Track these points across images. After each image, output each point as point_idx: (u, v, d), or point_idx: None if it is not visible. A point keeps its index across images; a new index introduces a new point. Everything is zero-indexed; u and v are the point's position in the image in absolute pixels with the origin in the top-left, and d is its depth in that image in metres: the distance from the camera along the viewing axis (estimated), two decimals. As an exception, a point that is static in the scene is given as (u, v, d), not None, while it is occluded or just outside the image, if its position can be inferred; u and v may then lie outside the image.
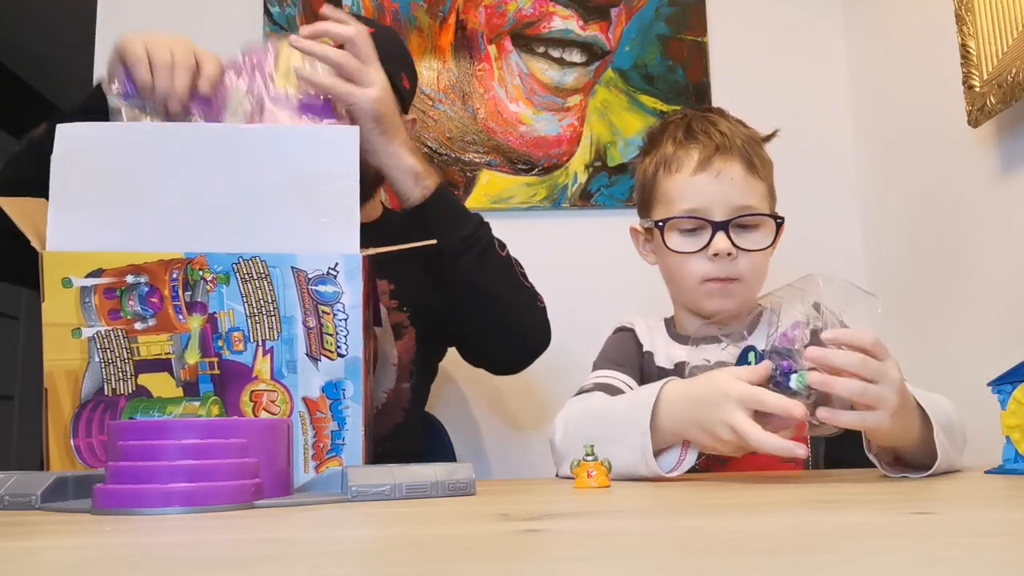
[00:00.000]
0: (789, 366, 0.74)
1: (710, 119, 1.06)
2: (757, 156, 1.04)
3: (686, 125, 1.06)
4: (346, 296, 0.74)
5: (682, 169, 1.02)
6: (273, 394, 0.73)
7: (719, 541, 0.38)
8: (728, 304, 1.02)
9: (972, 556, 0.32)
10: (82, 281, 0.72)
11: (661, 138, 1.07)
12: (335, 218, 0.77)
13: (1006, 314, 1.22)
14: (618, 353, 1.09)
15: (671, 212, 1.02)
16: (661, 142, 1.07)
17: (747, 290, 1.03)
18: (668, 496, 0.65)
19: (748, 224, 1.01)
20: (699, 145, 1.02)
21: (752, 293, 1.04)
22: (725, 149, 1.01)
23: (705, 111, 1.11)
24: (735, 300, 1.03)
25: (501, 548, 0.36)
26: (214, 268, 0.73)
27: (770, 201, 1.06)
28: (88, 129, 0.79)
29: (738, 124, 1.07)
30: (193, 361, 0.73)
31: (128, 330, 0.73)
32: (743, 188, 1.01)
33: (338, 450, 0.73)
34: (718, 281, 1.01)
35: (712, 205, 1.00)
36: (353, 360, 0.74)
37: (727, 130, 1.04)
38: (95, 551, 0.39)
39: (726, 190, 1.00)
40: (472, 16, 1.70)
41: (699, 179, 1.01)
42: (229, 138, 0.80)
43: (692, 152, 1.02)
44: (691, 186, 1.01)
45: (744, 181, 1.02)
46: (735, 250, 0.99)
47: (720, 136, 1.02)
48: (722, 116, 1.08)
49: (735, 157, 1.01)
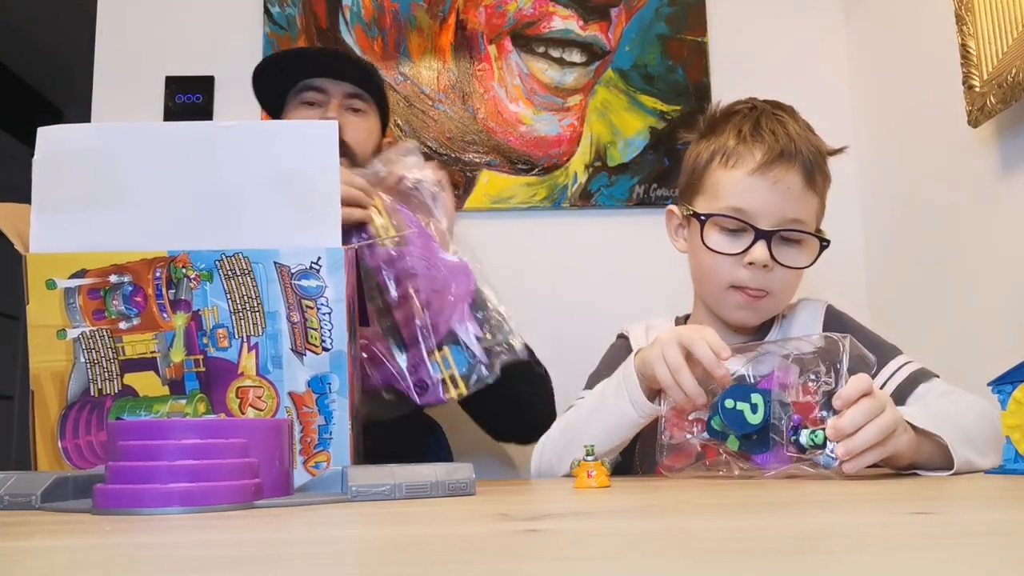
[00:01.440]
0: (799, 420, 0.76)
1: (780, 118, 1.00)
2: (819, 170, 0.99)
3: (755, 120, 1.00)
4: (329, 290, 0.74)
5: (740, 165, 0.97)
6: (259, 390, 0.73)
7: (719, 541, 0.38)
8: (752, 319, 1.00)
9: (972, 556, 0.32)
10: (66, 282, 0.72)
11: (724, 126, 1.01)
12: (317, 212, 0.77)
13: (1006, 314, 1.22)
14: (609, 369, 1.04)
15: (716, 206, 0.98)
16: (723, 130, 1.01)
17: (774, 305, 1.00)
18: (668, 496, 0.65)
19: (793, 239, 0.97)
20: (764, 145, 0.97)
21: (778, 308, 1.02)
22: (789, 155, 0.96)
23: (776, 107, 1.04)
24: (760, 314, 1.00)
25: (501, 548, 0.36)
26: (197, 266, 0.73)
27: (819, 217, 1.02)
28: (69, 130, 0.79)
29: (807, 130, 1.02)
30: (178, 359, 0.73)
31: (113, 330, 0.73)
32: (797, 200, 0.97)
33: (326, 444, 0.73)
34: (746, 294, 0.97)
35: (761, 211, 0.96)
36: (338, 354, 0.74)
37: (795, 134, 0.98)
38: (95, 551, 0.39)
39: (779, 199, 0.96)
40: (472, 16, 1.70)
41: (755, 181, 0.96)
42: (209, 135, 0.80)
43: (755, 151, 0.97)
44: (745, 186, 0.96)
45: (800, 193, 0.97)
46: (772, 263, 0.95)
47: (787, 139, 0.97)
48: (792, 117, 1.02)
49: (797, 166, 0.96)
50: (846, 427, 0.72)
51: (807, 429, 0.75)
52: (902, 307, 1.51)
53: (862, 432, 0.72)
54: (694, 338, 0.83)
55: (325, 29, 1.70)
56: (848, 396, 0.73)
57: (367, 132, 1.31)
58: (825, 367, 0.79)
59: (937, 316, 1.41)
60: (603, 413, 0.90)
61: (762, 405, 0.78)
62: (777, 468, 0.78)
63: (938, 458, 0.78)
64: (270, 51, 1.68)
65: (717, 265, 0.98)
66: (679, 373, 0.82)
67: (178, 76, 1.67)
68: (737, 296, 0.98)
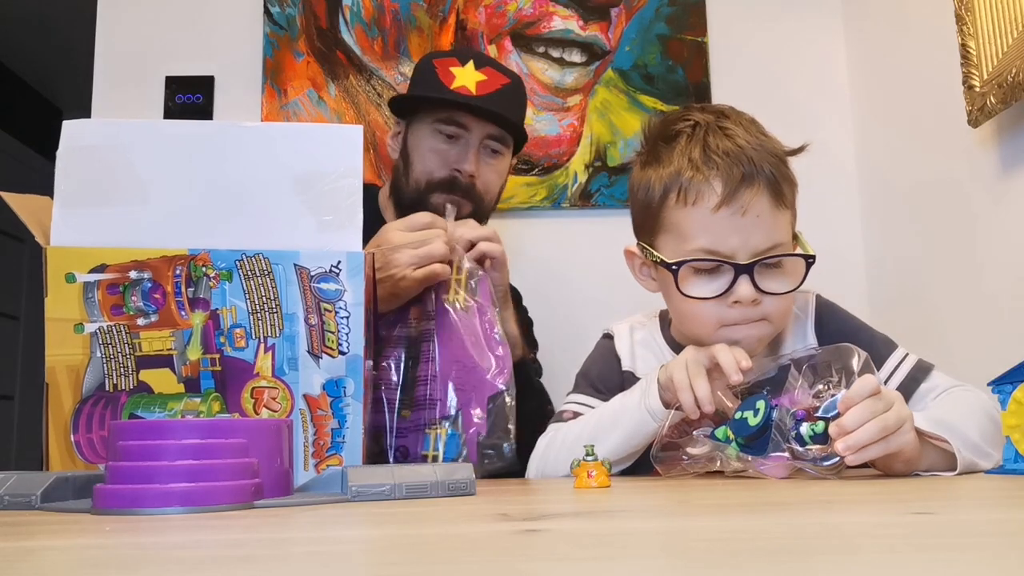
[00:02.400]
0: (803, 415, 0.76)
1: (727, 131, 0.90)
2: (785, 180, 0.90)
3: (701, 142, 0.89)
4: (348, 294, 0.74)
5: (701, 202, 0.87)
6: (274, 391, 0.73)
7: (719, 541, 0.38)
8: (753, 338, 0.91)
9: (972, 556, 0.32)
10: (85, 276, 0.72)
11: (670, 153, 0.91)
12: (338, 216, 0.77)
13: (1006, 313, 1.22)
14: (598, 371, 1.03)
15: (684, 247, 0.88)
16: (670, 159, 0.90)
17: (773, 329, 0.93)
18: (668, 496, 0.65)
19: (773, 264, 0.89)
20: (721, 173, 0.86)
21: (777, 331, 0.94)
22: (751, 178, 0.86)
23: (717, 116, 0.93)
24: (761, 333, 0.91)
25: (501, 548, 0.36)
26: (217, 265, 0.74)
27: (793, 227, 0.93)
28: (94, 126, 0.79)
29: (758, 135, 0.92)
30: (195, 357, 0.73)
31: (130, 326, 0.73)
32: (770, 225, 0.87)
33: (338, 448, 0.73)
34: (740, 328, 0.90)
35: (735, 246, 0.87)
36: (354, 358, 0.74)
37: (751, 149, 0.88)
38: (95, 551, 0.39)
39: (751, 229, 0.86)
40: (472, 16, 1.70)
41: (722, 217, 0.86)
42: (233, 136, 0.80)
43: (713, 182, 0.86)
44: (712, 224, 0.87)
45: (771, 216, 0.88)
46: (760, 295, 0.87)
47: (744, 158, 0.87)
48: (739, 123, 0.92)
49: (762, 187, 0.87)
50: (848, 424, 0.71)
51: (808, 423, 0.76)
52: (902, 307, 1.51)
53: (863, 428, 0.71)
54: (722, 347, 0.86)
55: (325, 29, 1.70)
56: (852, 397, 0.73)
57: (499, 174, 1.29)
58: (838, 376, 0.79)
59: (937, 316, 1.41)
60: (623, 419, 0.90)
61: (764, 408, 0.78)
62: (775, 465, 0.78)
63: (941, 462, 0.78)
64: (270, 51, 1.68)
65: (700, 310, 0.89)
66: (696, 377, 0.84)
67: (178, 76, 1.67)
68: (728, 332, 0.89)
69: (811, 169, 1.70)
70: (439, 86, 1.21)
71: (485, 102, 1.21)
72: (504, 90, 1.24)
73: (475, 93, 1.20)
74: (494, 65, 1.26)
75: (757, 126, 0.94)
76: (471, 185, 1.23)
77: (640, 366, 1.01)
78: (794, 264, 0.90)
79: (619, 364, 1.02)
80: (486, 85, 1.22)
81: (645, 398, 0.89)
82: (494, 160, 1.27)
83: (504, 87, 1.24)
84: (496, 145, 1.26)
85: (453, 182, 1.22)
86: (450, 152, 1.23)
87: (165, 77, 1.67)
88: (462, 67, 1.23)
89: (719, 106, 0.97)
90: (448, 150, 1.23)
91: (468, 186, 1.23)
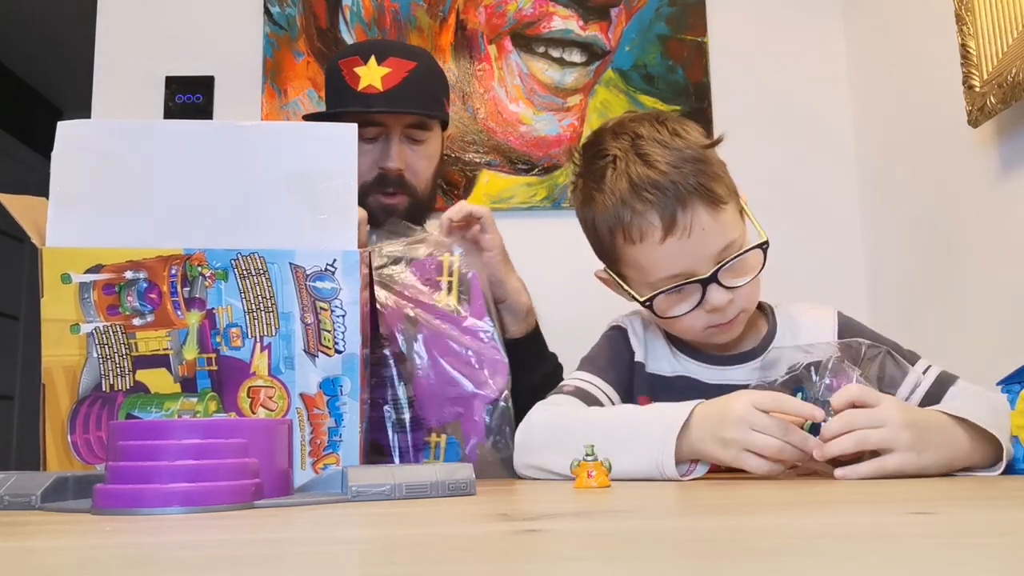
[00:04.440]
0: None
1: (646, 157, 0.91)
2: (713, 179, 0.91)
3: (626, 176, 0.91)
4: (344, 292, 0.74)
5: (646, 238, 0.90)
6: (271, 390, 0.73)
7: (719, 541, 0.38)
8: (734, 335, 0.98)
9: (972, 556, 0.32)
10: (81, 277, 0.72)
11: (601, 193, 0.93)
12: (333, 215, 0.77)
13: (1006, 314, 1.22)
14: (606, 358, 1.03)
15: (648, 279, 0.93)
16: (602, 199, 0.92)
17: (746, 317, 0.97)
18: (668, 496, 0.65)
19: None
20: (653, 207, 0.88)
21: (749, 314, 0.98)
22: (682, 199, 0.88)
23: (633, 141, 0.93)
24: (740, 328, 0.97)
25: (501, 548, 0.36)
26: (213, 264, 0.73)
27: (738, 206, 0.95)
28: (89, 126, 0.79)
29: (675, 146, 0.92)
30: (191, 357, 0.73)
31: (127, 326, 0.73)
32: (717, 231, 0.90)
33: (335, 447, 0.73)
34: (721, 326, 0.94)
35: (693, 264, 0.90)
36: (350, 357, 0.74)
37: (672, 171, 0.89)
38: (95, 551, 0.39)
39: (701, 243, 0.89)
40: (472, 16, 1.70)
41: (669, 245, 0.89)
42: (228, 135, 0.80)
43: (649, 217, 0.89)
44: (663, 255, 0.90)
45: (714, 222, 0.89)
46: (731, 293, 0.91)
47: (669, 184, 0.88)
48: (654, 142, 0.92)
49: (696, 202, 0.89)
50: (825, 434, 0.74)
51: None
52: (902, 307, 1.51)
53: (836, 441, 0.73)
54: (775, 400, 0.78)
55: (325, 29, 1.70)
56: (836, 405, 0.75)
57: (428, 158, 1.30)
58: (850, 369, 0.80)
59: (937, 316, 1.41)
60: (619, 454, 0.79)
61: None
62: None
63: (991, 455, 0.77)
64: (270, 51, 1.68)
65: (683, 324, 0.94)
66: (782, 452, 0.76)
67: (178, 76, 1.67)
68: (713, 330, 0.94)
69: (811, 169, 1.71)
70: (346, 90, 1.24)
71: (393, 97, 1.23)
72: (411, 77, 1.25)
73: (382, 89, 1.23)
74: (398, 52, 1.27)
75: (669, 129, 0.94)
76: (400, 179, 1.26)
77: (651, 361, 1.02)
78: (754, 253, 0.93)
79: (631, 356, 1.03)
80: (391, 77, 1.24)
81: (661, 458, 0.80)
82: (419, 147, 1.29)
83: (411, 73, 1.25)
84: (418, 133, 1.28)
85: (383, 179, 1.25)
86: (373, 152, 1.26)
87: (165, 77, 1.67)
88: (365, 65, 1.25)
89: (630, 124, 0.97)
90: (371, 150, 1.25)
91: (398, 180, 1.26)
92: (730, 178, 0.95)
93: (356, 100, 1.23)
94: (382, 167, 1.25)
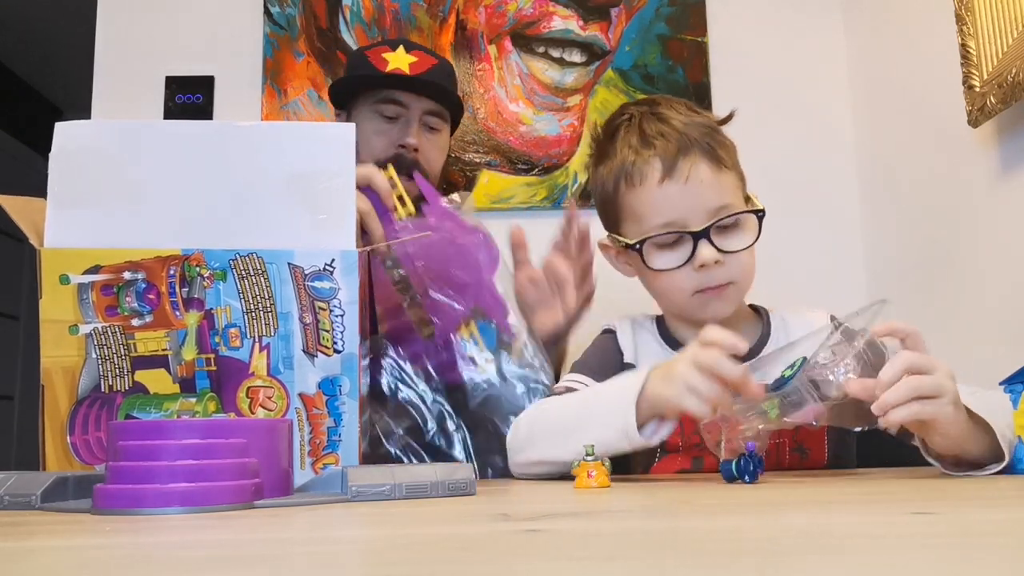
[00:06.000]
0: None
1: (660, 115, 0.97)
2: (720, 145, 0.96)
3: (638, 129, 0.97)
4: (342, 292, 0.74)
5: (646, 181, 0.94)
6: (269, 390, 0.73)
7: (719, 541, 0.38)
8: (724, 309, 0.97)
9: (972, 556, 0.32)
10: (79, 278, 0.72)
11: (613, 146, 0.99)
12: (332, 215, 0.77)
13: (1006, 314, 1.22)
14: (597, 360, 1.04)
15: (643, 228, 0.96)
16: (614, 151, 0.98)
17: (740, 292, 0.99)
18: (667, 496, 0.65)
19: (728, 225, 0.95)
20: (657, 151, 0.94)
21: (744, 293, 1.01)
22: (686, 148, 0.94)
23: (651, 105, 1.01)
24: (730, 303, 0.98)
25: (501, 548, 0.36)
26: (211, 264, 0.74)
27: (742, 189, 0.99)
28: (87, 127, 0.79)
29: (690, 112, 0.99)
30: (190, 357, 0.73)
31: (125, 326, 0.73)
32: (715, 188, 0.94)
33: (334, 447, 0.73)
34: (710, 292, 0.95)
35: (687, 214, 0.93)
36: (349, 356, 0.74)
37: (681, 125, 0.95)
38: (95, 551, 0.39)
39: (697, 195, 0.93)
40: (472, 16, 1.70)
41: (667, 188, 0.93)
42: (226, 135, 0.80)
43: (652, 161, 0.94)
44: (660, 198, 0.94)
45: (714, 179, 0.94)
46: (722, 256, 0.93)
47: (676, 135, 0.94)
48: (671, 108, 0.99)
49: (698, 154, 0.94)
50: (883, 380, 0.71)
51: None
52: (902, 307, 1.51)
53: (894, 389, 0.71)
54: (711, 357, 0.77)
55: (325, 29, 1.70)
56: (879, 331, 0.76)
57: (440, 150, 1.32)
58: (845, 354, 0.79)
59: (937, 316, 1.41)
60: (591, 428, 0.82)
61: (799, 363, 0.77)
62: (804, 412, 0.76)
63: (986, 448, 0.75)
64: (270, 51, 1.68)
65: (671, 281, 0.96)
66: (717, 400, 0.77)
67: (178, 76, 1.67)
68: (701, 296, 0.96)
69: (811, 169, 1.71)
70: (374, 71, 1.27)
71: (417, 81, 1.26)
72: (435, 69, 1.29)
73: (409, 73, 1.26)
74: (423, 49, 1.32)
75: (688, 106, 1.01)
76: (416, 160, 1.27)
77: (643, 361, 1.02)
78: (750, 223, 0.96)
79: (621, 357, 1.04)
80: (418, 66, 1.27)
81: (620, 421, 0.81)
82: (434, 136, 1.30)
83: (434, 66, 1.30)
84: (435, 121, 1.29)
85: (400, 160, 1.25)
86: (392, 131, 1.27)
87: (165, 77, 1.67)
88: (393, 52, 1.28)
89: (653, 96, 1.07)
90: (390, 129, 1.27)
91: (414, 161, 1.26)
92: (737, 160, 0.99)
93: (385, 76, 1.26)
94: (401, 144, 1.25)
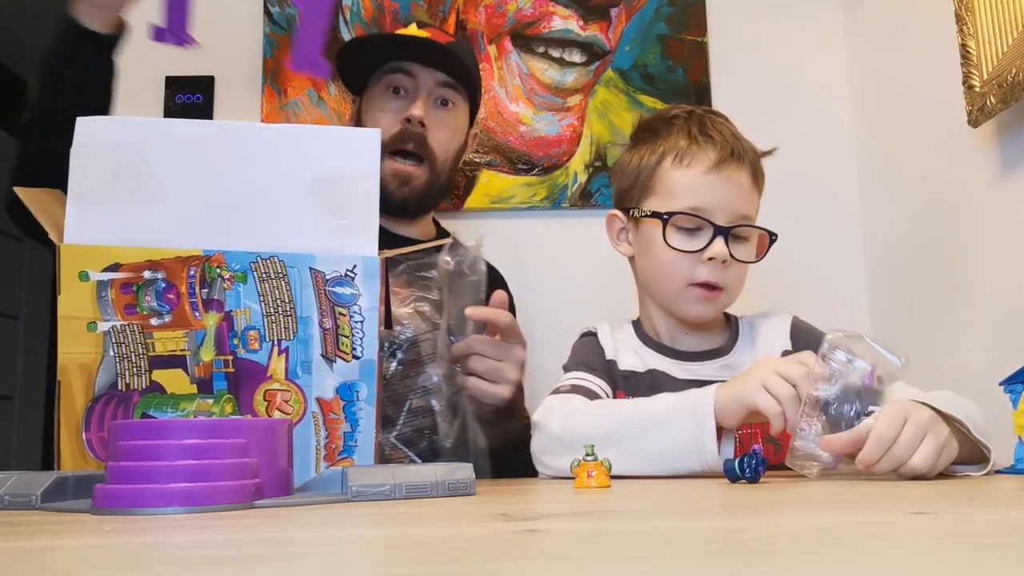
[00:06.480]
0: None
1: (718, 121, 1.05)
2: (759, 169, 1.05)
3: (699, 122, 1.04)
4: (363, 298, 0.74)
5: (696, 164, 1.01)
6: (287, 394, 0.73)
7: (719, 541, 0.38)
8: (710, 313, 1.03)
9: (972, 556, 0.32)
10: (99, 275, 0.72)
11: (668, 129, 1.05)
12: (354, 220, 0.76)
13: (1006, 314, 1.22)
14: (588, 357, 1.08)
15: (671, 206, 1.01)
16: (668, 132, 1.04)
17: (728, 300, 1.04)
18: (668, 496, 0.65)
19: (743, 235, 1.02)
20: (715, 145, 1.01)
21: (729, 305, 1.06)
22: (738, 155, 1.01)
23: (713, 112, 1.10)
24: (716, 308, 1.04)
25: (501, 548, 0.36)
26: (232, 266, 0.73)
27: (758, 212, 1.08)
28: (109, 123, 0.79)
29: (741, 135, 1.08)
30: (208, 358, 0.73)
31: (144, 325, 0.73)
32: (747, 197, 1.02)
33: (350, 452, 0.73)
34: (705, 288, 1.00)
35: (718, 208, 1.00)
36: (368, 362, 0.74)
37: (737, 135, 1.04)
38: (95, 551, 0.39)
39: (733, 196, 1.00)
40: (472, 16, 1.70)
41: (711, 178, 1.00)
42: (250, 137, 0.80)
43: (708, 150, 1.01)
44: (702, 184, 1.00)
45: (749, 191, 1.03)
46: (730, 258, 1.00)
47: (734, 140, 1.03)
48: (728, 122, 1.08)
49: (746, 165, 1.02)
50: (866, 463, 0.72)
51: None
52: (902, 308, 1.51)
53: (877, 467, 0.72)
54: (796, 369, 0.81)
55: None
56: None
57: (453, 131, 1.25)
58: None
59: (937, 316, 1.41)
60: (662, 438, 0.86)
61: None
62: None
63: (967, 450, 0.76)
64: (270, 51, 1.68)
65: (676, 263, 1.01)
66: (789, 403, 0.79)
67: (178, 76, 1.67)
68: (695, 291, 1.01)
69: (811, 169, 1.71)
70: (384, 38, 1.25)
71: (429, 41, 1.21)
72: (450, 45, 1.24)
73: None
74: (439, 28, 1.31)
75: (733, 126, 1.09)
76: (422, 137, 1.20)
77: (622, 359, 1.07)
78: (755, 243, 1.04)
79: (603, 354, 1.08)
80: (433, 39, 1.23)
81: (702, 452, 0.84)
82: (445, 113, 1.23)
83: (449, 43, 1.25)
84: (447, 93, 1.23)
85: (404, 135, 1.20)
86: (398, 104, 1.21)
87: (165, 77, 1.67)
88: (405, 28, 1.27)
89: (715, 110, 1.13)
90: (398, 104, 1.22)
91: (419, 137, 1.20)
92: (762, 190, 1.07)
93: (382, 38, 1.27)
94: (406, 117, 1.20)
